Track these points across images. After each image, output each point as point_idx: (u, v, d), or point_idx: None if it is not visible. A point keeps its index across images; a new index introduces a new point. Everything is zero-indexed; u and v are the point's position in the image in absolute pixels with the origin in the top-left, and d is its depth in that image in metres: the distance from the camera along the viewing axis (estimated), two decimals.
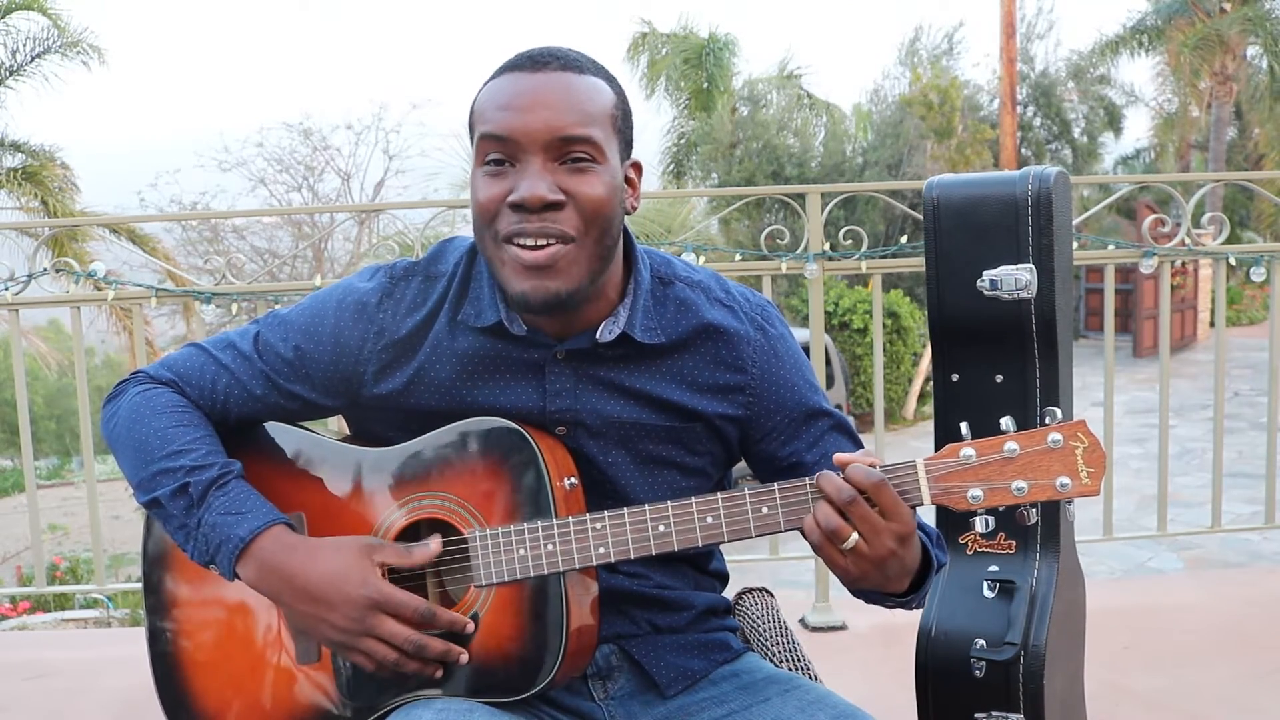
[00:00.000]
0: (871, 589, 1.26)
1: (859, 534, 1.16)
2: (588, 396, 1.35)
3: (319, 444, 1.40)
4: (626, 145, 1.34)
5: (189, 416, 1.37)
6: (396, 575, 1.32)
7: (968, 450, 1.18)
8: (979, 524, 1.18)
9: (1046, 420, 1.17)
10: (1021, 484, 1.16)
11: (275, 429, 1.42)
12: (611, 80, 1.33)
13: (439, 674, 1.28)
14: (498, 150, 1.26)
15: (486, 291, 1.35)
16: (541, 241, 1.25)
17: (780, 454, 1.41)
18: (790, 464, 1.41)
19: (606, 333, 1.34)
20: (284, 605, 1.30)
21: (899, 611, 1.41)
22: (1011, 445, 1.17)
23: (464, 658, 1.27)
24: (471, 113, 1.32)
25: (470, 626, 1.28)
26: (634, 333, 1.34)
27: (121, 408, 1.39)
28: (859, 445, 1.42)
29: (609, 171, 1.28)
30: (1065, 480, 1.16)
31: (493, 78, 1.31)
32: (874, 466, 1.18)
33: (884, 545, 1.17)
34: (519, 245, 1.25)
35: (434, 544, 1.29)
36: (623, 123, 1.32)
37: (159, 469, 1.32)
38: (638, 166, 1.37)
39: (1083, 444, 1.16)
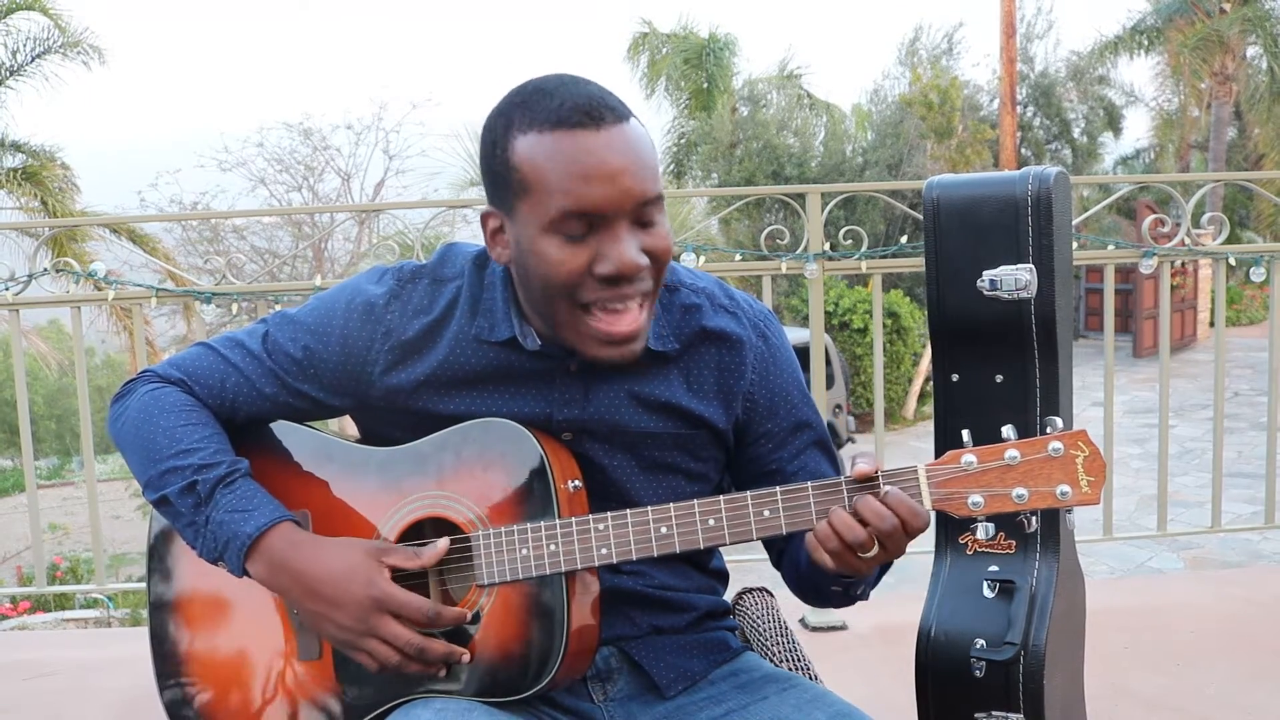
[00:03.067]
0: (858, 573, 1.28)
1: (881, 547, 1.21)
2: (596, 406, 1.35)
3: (325, 443, 1.41)
4: None
5: (197, 415, 1.37)
6: (399, 575, 1.32)
7: (969, 457, 1.19)
8: (980, 530, 1.19)
9: (1047, 429, 1.18)
10: (1022, 491, 1.17)
11: (282, 428, 1.43)
12: (637, 117, 1.30)
13: (442, 674, 1.28)
14: (581, 222, 1.22)
15: (500, 305, 1.35)
16: (628, 305, 1.26)
17: (764, 459, 1.43)
18: (770, 470, 1.42)
19: None
20: (292, 602, 1.30)
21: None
22: (1012, 453, 1.17)
23: (466, 658, 1.27)
24: (517, 169, 1.23)
25: (469, 616, 1.28)
26: (648, 342, 1.34)
27: (130, 407, 1.40)
28: (834, 462, 1.47)
29: (665, 217, 1.28)
30: (1066, 488, 1.17)
31: (537, 130, 1.22)
32: (876, 471, 1.20)
33: (899, 551, 1.22)
34: (603, 312, 1.25)
35: (441, 544, 1.29)
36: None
37: (167, 467, 1.33)
38: None
39: (1083, 453, 1.17)
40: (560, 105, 1.22)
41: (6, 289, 3.19)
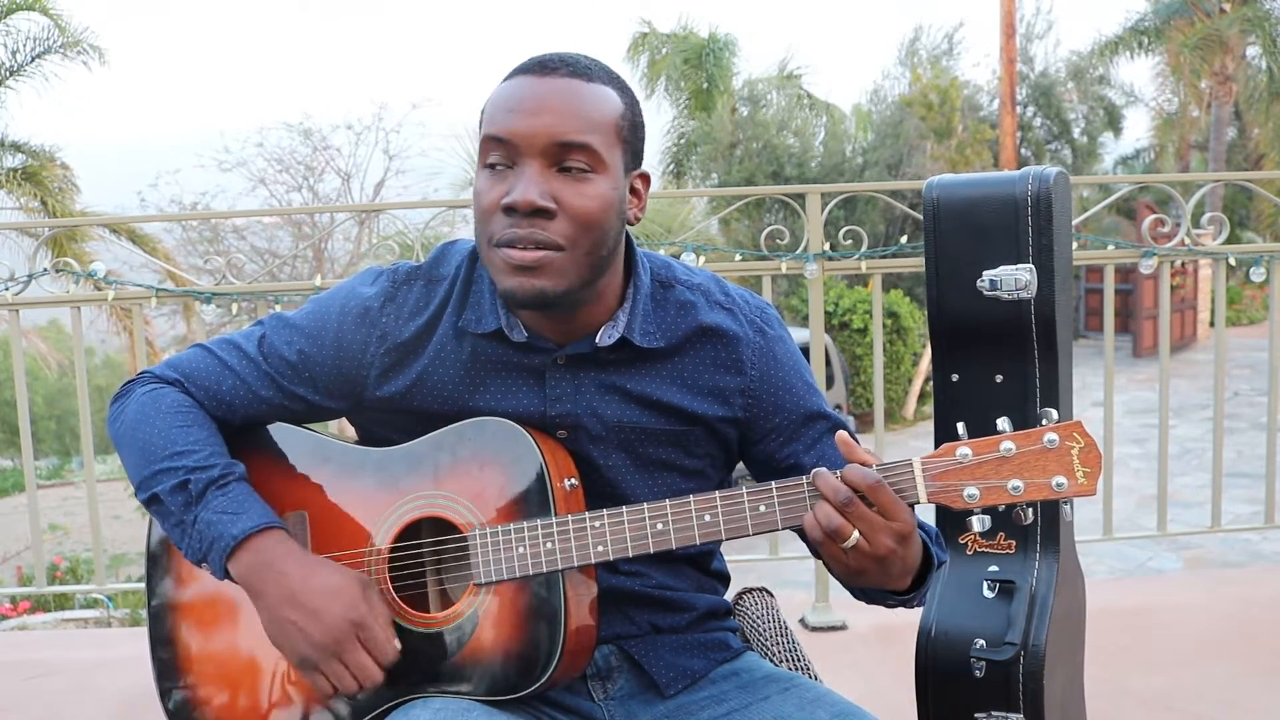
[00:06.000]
0: (873, 587, 1.26)
1: (859, 533, 1.17)
2: (588, 401, 1.35)
3: (322, 444, 1.41)
4: (634, 156, 1.33)
5: (194, 417, 1.37)
6: (398, 568, 1.32)
7: (964, 449, 1.18)
8: (976, 523, 1.18)
9: (1043, 421, 1.18)
10: (1018, 483, 1.17)
11: (279, 429, 1.43)
12: (623, 90, 1.32)
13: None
14: (499, 152, 1.27)
15: (487, 297, 1.35)
16: (530, 247, 1.25)
17: (778, 455, 1.42)
18: (788, 465, 1.41)
19: (606, 337, 1.34)
20: (264, 605, 1.28)
21: (899, 611, 1.42)
22: (1008, 445, 1.17)
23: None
24: (481, 113, 1.32)
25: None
26: (633, 337, 1.34)
27: (128, 408, 1.40)
28: None
29: (607, 181, 1.27)
30: (1061, 480, 1.16)
31: (504, 80, 1.32)
32: (871, 465, 1.19)
33: (884, 544, 1.17)
34: (509, 248, 1.25)
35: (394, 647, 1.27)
36: (629, 133, 1.31)
37: (161, 468, 1.33)
38: (645, 178, 1.37)
39: (1079, 444, 1.17)
40: (529, 58, 1.30)
41: (6, 289, 3.19)
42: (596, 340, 1.34)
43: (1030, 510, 1.22)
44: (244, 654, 1.39)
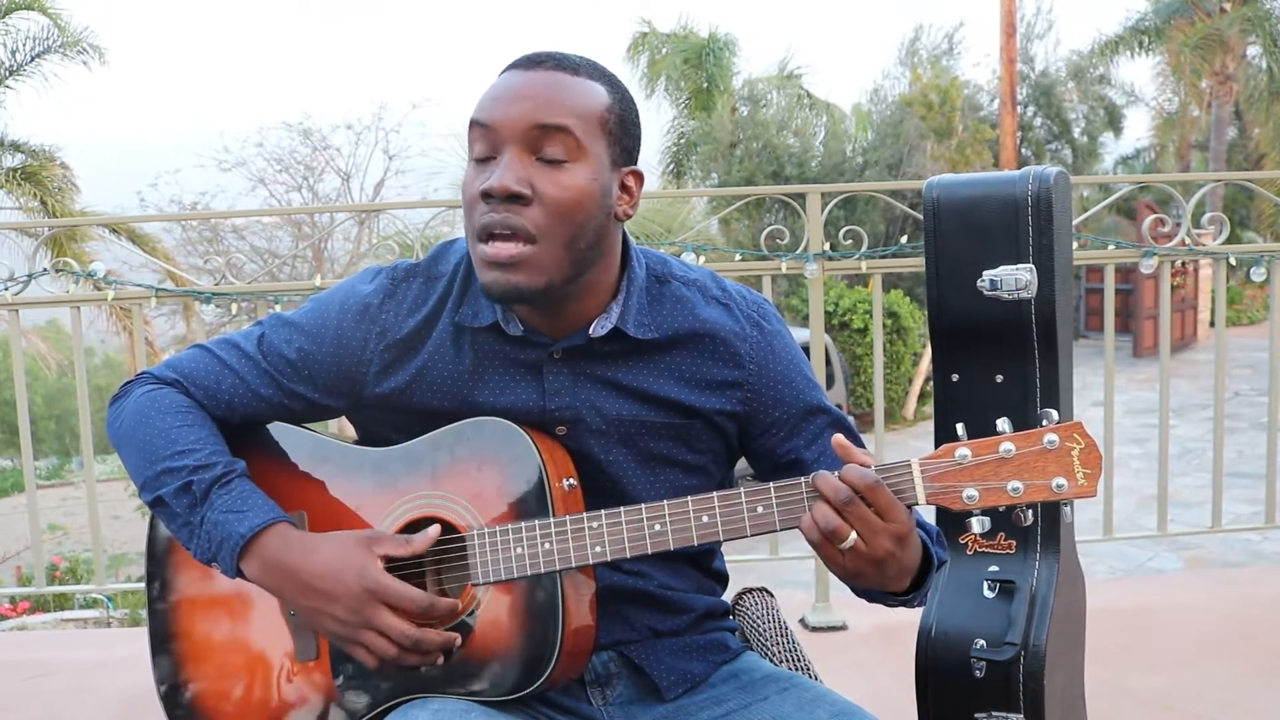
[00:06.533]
0: (870, 588, 1.26)
1: (856, 534, 1.16)
2: (586, 394, 1.35)
3: (321, 444, 1.41)
4: (624, 152, 1.33)
5: (193, 416, 1.37)
6: (398, 569, 1.32)
7: (963, 450, 1.18)
8: (975, 524, 1.17)
9: (1043, 421, 1.17)
10: (1017, 484, 1.16)
11: (278, 429, 1.43)
12: (613, 87, 1.32)
13: (441, 661, 1.28)
14: (482, 139, 1.28)
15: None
16: (505, 231, 1.26)
17: (779, 450, 1.41)
18: (789, 460, 1.41)
19: (599, 328, 1.35)
20: (287, 600, 1.30)
21: (899, 611, 1.41)
22: (1007, 446, 1.16)
23: (457, 641, 1.27)
24: None
25: (461, 608, 1.28)
26: (626, 328, 1.34)
27: (127, 408, 1.40)
28: (858, 443, 1.42)
29: (586, 172, 1.27)
30: (1061, 481, 1.16)
31: (497, 75, 1.33)
32: (869, 465, 1.18)
33: (881, 545, 1.17)
34: (488, 240, 1.26)
35: (432, 531, 1.29)
36: (616, 127, 1.31)
37: (163, 468, 1.33)
38: (638, 175, 1.36)
39: (1079, 445, 1.16)
40: (522, 55, 1.32)
41: (6, 289, 3.18)
42: (590, 332, 1.34)
43: (1030, 512, 1.21)
44: (246, 654, 1.39)
